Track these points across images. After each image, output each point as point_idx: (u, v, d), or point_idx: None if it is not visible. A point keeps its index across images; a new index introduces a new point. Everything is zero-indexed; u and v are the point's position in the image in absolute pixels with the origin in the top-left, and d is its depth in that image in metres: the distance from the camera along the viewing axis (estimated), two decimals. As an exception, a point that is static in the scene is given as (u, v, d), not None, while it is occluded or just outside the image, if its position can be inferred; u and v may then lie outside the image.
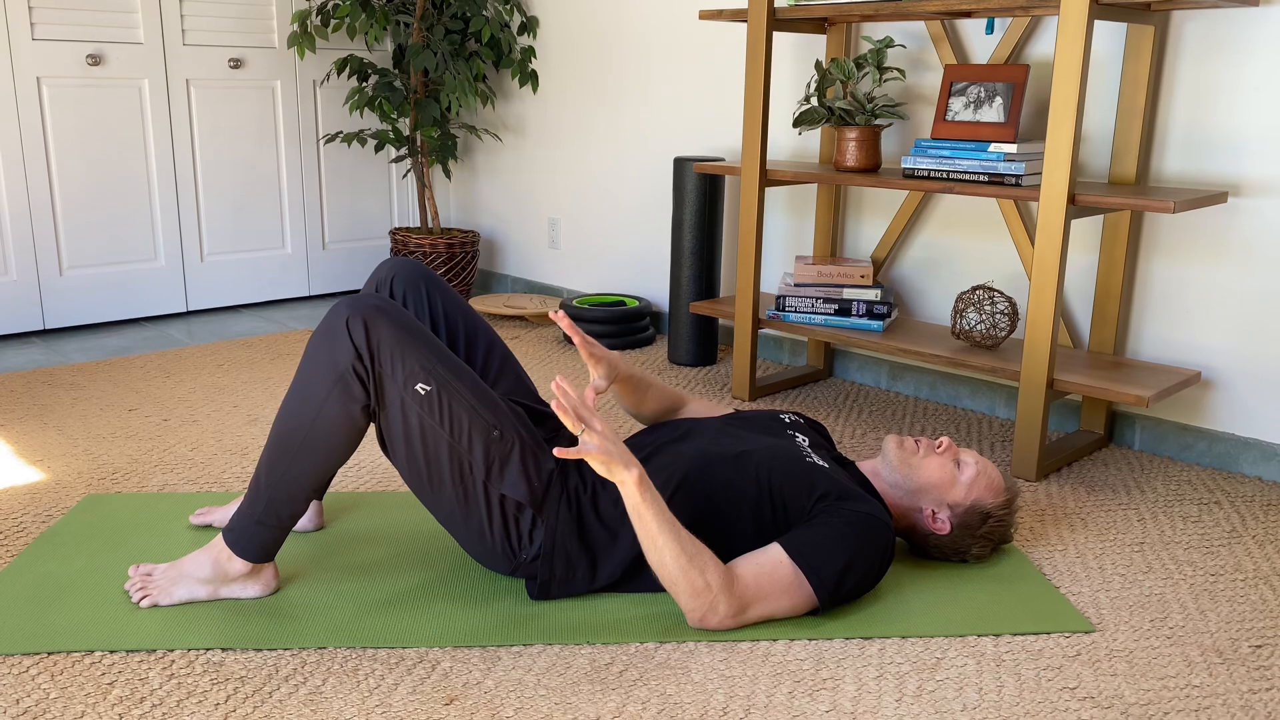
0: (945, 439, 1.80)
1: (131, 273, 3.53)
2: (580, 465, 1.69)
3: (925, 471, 1.76)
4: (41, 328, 3.37)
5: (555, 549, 1.63)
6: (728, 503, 1.65)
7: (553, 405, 1.50)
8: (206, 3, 3.52)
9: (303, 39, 3.55)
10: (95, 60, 3.32)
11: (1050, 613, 1.68)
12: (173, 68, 3.50)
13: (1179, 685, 1.49)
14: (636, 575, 1.67)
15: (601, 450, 1.48)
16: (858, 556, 1.60)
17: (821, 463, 1.70)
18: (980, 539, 1.78)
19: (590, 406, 1.53)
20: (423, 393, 1.54)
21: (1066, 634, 1.62)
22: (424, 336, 1.57)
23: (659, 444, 1.74)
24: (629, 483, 1.50)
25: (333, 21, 3.65)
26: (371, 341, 1.52)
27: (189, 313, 3.73)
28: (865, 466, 1.83)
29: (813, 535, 1.61)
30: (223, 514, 1.92)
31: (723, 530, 1.64)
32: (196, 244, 3.66)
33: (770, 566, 1.59)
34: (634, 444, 1.76)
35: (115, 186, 3.45)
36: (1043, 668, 1.52)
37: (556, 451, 1.44)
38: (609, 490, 1.66)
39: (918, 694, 1.45)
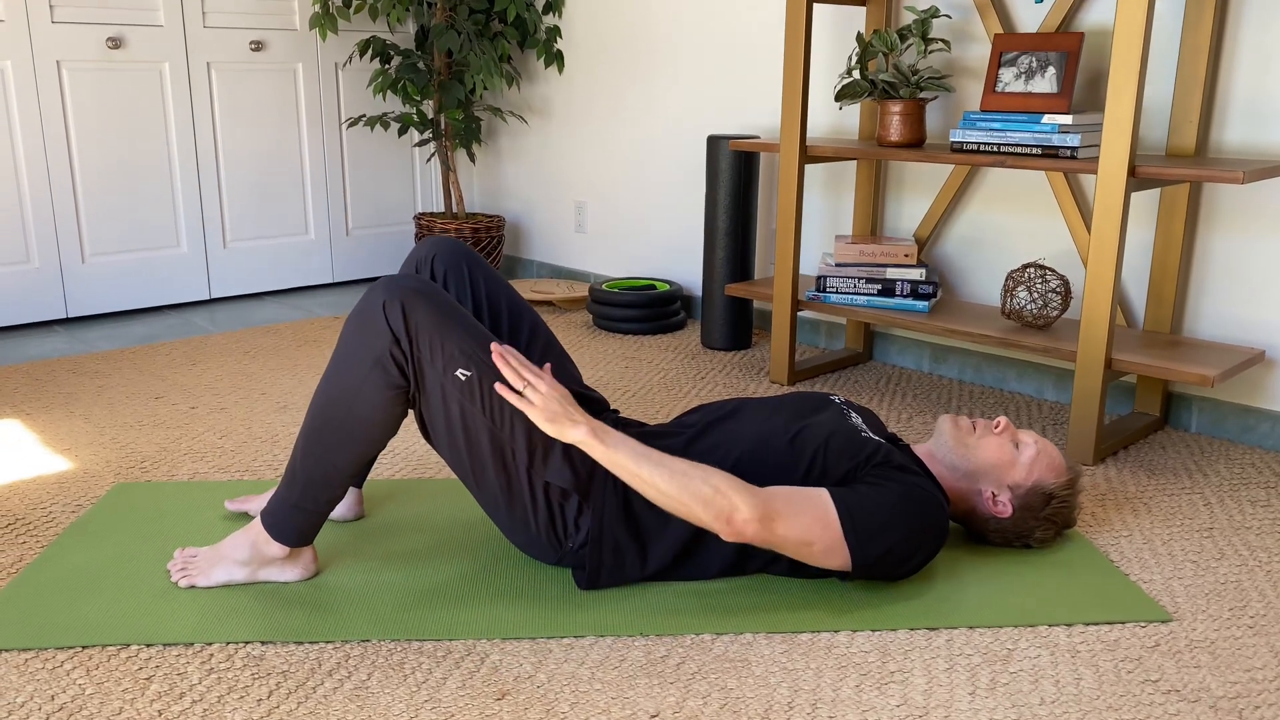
0: (1003, 419, 1.72)
1: (154, 259, 3.48)
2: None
3: (983, 452, 1.68)
4: (64, 316, 3.32)
5: (603, 536, 1.57)
6: (784, 484, 1.57)
7: (494, 359, 1.47)
8: (227, -16, 3.46)
9: (324, 20, 3.48)
10: (115, 43, 3.26)
11: (1123, 601, 1.60)
12: (193, 50, 3.43)
13: (1267, 677, 1.41)
14: (689, 560, 1.60)
15: (544, 408, 1.44)
16: (899, 521, 1.52)
17: (878, 438, 1.63)
18: (1044, 521, 1.71)
19: (533, 366, 1.49)
20: (463, 378, 1.47)
21: (1142, 623, 1.54)
22: (463, 320, 1.51)
23: (707, 422, 1.67)
24: (582, 440, 1.45)
25: (354, 2, 3.58)
26: (410, 326, 1.46)
27: (212, 300, 3.67)
28: (920, 450, 1.76)
29: (859, 490, 1.53)
30: (258, 502, 1.87)
31: None
32: (219, 230, 3.60)
33: (809, 495, 1.51)
34: (679, 424, 1.69)
35: (136, 172, 3.39)
36: (1121, 659, 1.45)
37: (497, 387, 1.44)
38: None
39: (991, 687, 1.38)
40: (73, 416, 2.42)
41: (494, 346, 1.47)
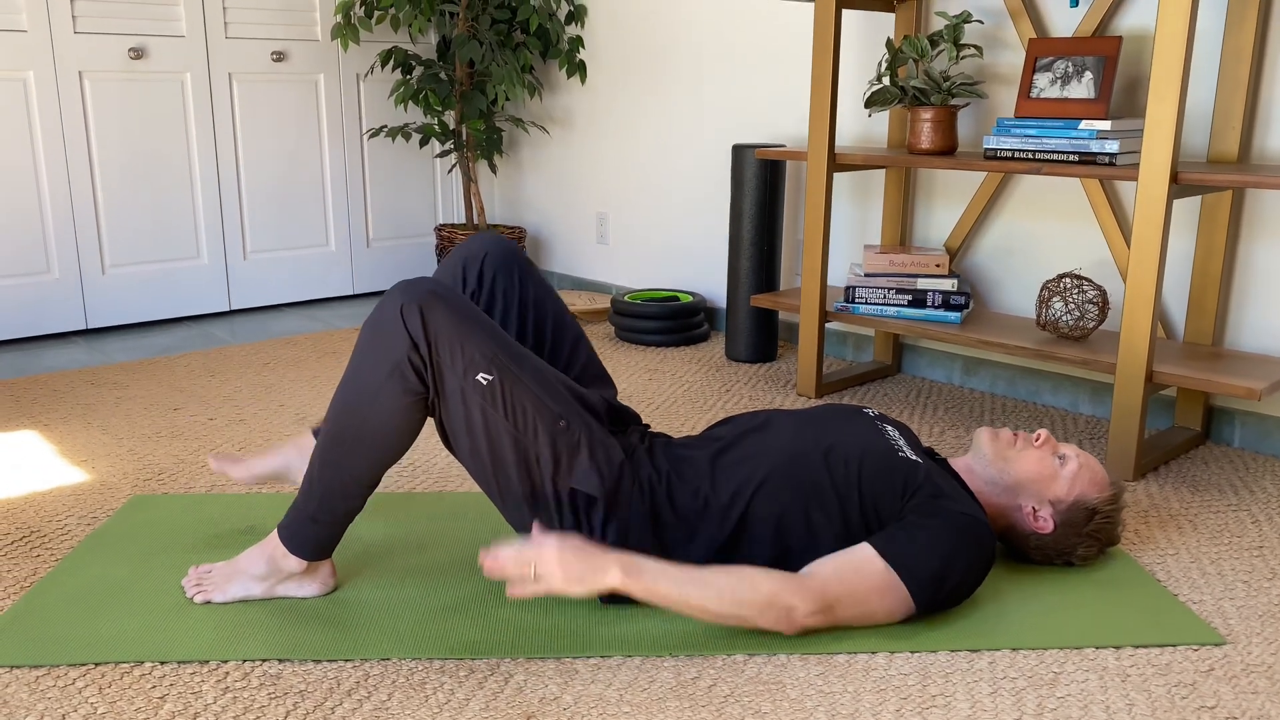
0: (1043, 431, 1.66)
1: (174, 271, 3.46)
2: (653, 454, 1.57)
3: (1023, 465, 1.62)
4: (84, 327, 3.31)
5: (628, 546, 1.51)
6: (815, 502, 1.52)
7: (487, 574, 1.38)
8: (249, -6, 3.45)
9: (346, 30, 3.46)
10: (137, 54, 3.25)
11: (1173, 623, 1.54)
12: (215, 61, 3.42)
13: (1330, 704, 1.34)
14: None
15: (564, 575, 1.36)
16: (955, 558, 1.48)
17: (915, 458, 1.57)
18: (1087, 538, 1.64)
19: (522, 554, 1.37)
20: (484, 383, 1.43)
21: (1194, 646, 1.48)
22: (484, 323, 1.46)
23: (737, 434, 1.61)
24: (618, 583, 1.38)
25: (376, 13, 3.56)
26: (429, 330, 1.41)
27: (232, 311, 3.65)
28: (957, 464, 1.70)
29: (906, 535, 1.48)
30: (238, 470, 1.81)
31: (808, 531, 1.52)
32: (239, 241, 3.58)
33: (857, 564, 1.46)
34: (708, 436, 1.64)
35: (157, 182, 3.37)
36: (1174, 684, 1.38)
37: (511, 593, 1.37)
38: (686, 480, 1.53)
39: (1038, 712, 1.32)
40: (90, 428, 2.39)
41: (484, 562, 1.38)
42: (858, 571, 1.46)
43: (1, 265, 3.12)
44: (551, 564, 1.36)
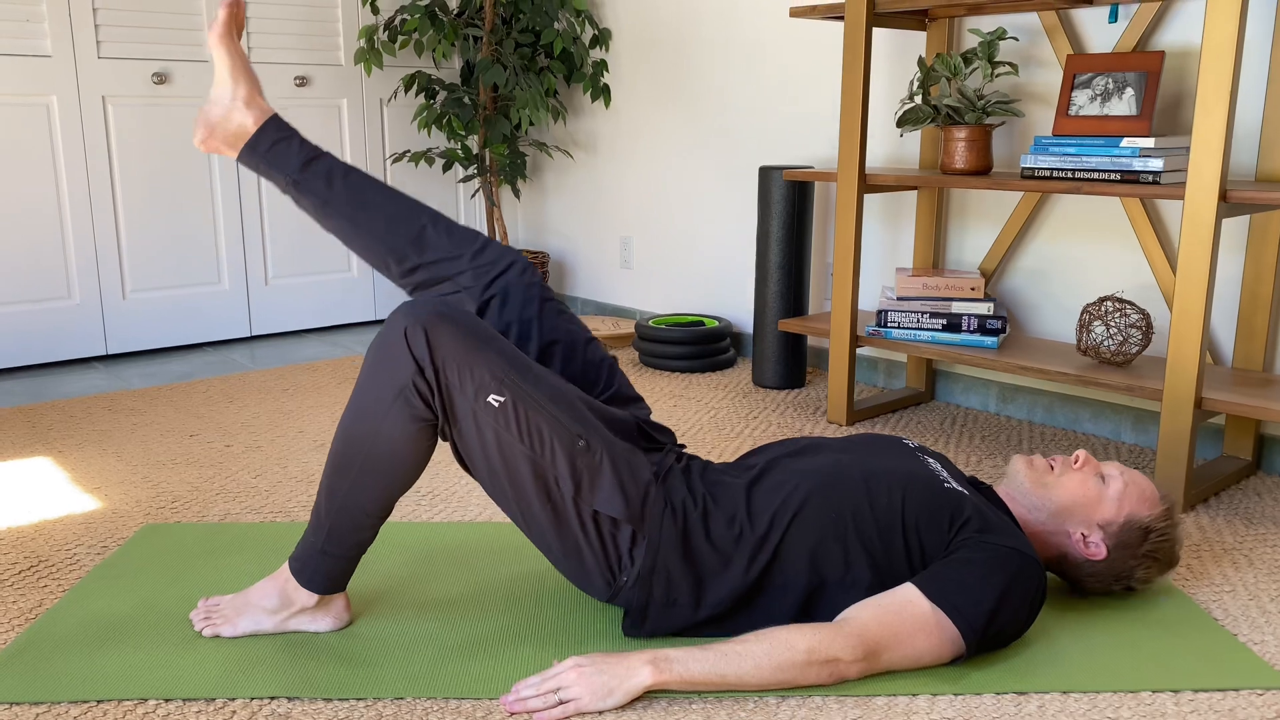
0: (1081, 452, 1.58)
1: (195, 296, 3.43)
2: (689, 476, 1.50)
3: (1064, 490, 1.54)
4: (104, 353, 3.28)
5: (655, 569, 1.44)
6: (854, 530, 1.44)
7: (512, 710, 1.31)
8: (272, 20, 3.44)
9: (370, 55, 3.45)
10: (161, 78, 3.24)
11: (1234, 665, 1.44)
12: (239, 86, 3.40)
13: None
14: (748, 608, 1.47)
15: (590, 691, 1.29)
16: (1008, 596, 1.39)
17: (961, 489, 1.49)
18: (1144, 559, 1.55)
19: (543, 683, 1.32)
20: (495, 404, 1.36)
21: (1259, 690, 1.38)
22: (494, 341, 1.39)
23: (771, 460, 1.54)
24: (650, 682, 1.31)
25: (400, 37, 3.54)
26: (435, 353, 1.34)
27: (253, 337, 3.62)
28: (999, 492, 1.62)
29: (953, 572, 1.40)
30: None
31: (845, 562, 1.44)
32: (261, 267, 3.55)
33: (899, 605, 1.38)
34: (743, 464, 1.57)
35: (179, 207, 3.36)
36: (1240, 732, 1.29)
37: None
38: (722, 508, 1.46)
39: (1095, 762, 1.23)
40: (105, 454, 2.34)
41: (505, 703, 1.31)
42: (900, 613, 1.38)
43: (22, 290, 3.11)
44: (575, 686, 1.30)
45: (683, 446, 1.64)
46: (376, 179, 1.58)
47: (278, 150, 1.55)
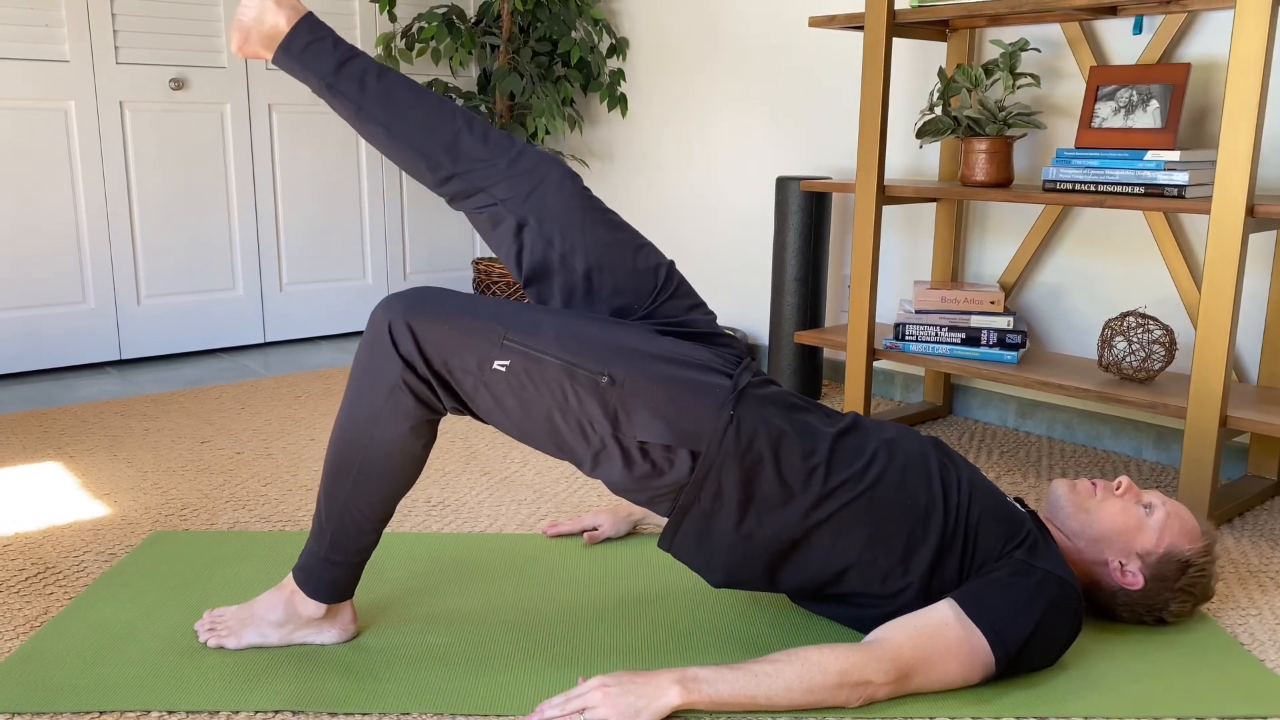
0: (1124, 479, 1.54)
1: (209, 302, 3.43)
2: (766, 403, 1.40)
3: (1106, 516, 1.51)
4: (118, 358, 3.28)
5: (708, 475, 1.36)
6: (916, 521, 1.40)
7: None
8: (291, 26, 3.44)
9: (387, 63, 3.44)
10: (178, 84, 3.24)
11: (1262, 692, 1.40)
12: (255, 92, 3.41)
13: None
14: (784, 561, 1.41)
15: (617, 712, 1.26)
16: (1046, 624, 1.37)
17: (1019, 506, 1.47)
18: (1180, 593, 1.51)
19: (568, 704, 1.28)
20: (502, 370, 1.32)
21: (1288, 719, 1.34)
22: (479, 308, 1.34)
23: (857, 419, 1.49)
24: (680, 702, 1.28)
25: (417, 45, 3.54)
26: (424, 347, 1.31)
27: (266, 344, 3.61)
28: (1040, 516, 1.58)
29: (993, 594, 1.37)
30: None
31: (896, 553, 1.40)
32: (276, 273, 3.55)
33: (935, 630, 1.35)
34: (821, 409, 1.48)
35: (195, 214, 3.35)
36: (1269, 762, 1.25)
37: None
38: (801, 439, 1.38)
39: (1119, 791, 1.19)
40: (116, 460, 2.33)
41: None
42: (935, 636, 1.34)
43: (37, 294, 3.11)
44: (602, 707, 1.26)
45: (752, 358, 1.55)
46: (412, 80, 1.51)
47: (311, 51, 1.48)
